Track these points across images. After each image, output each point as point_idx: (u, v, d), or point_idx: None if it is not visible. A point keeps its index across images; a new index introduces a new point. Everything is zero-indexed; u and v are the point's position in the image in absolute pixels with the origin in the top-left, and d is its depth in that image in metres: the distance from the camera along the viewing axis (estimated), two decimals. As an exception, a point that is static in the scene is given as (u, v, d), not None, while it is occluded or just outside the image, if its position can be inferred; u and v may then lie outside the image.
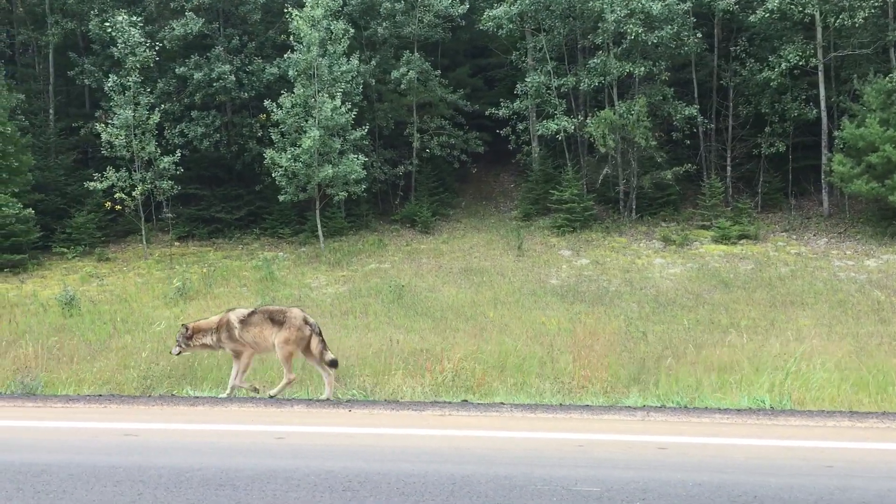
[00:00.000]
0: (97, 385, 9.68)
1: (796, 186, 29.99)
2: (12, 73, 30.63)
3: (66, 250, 27.29)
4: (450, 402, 6.46)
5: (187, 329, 8.79)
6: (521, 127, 30.69)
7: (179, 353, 8.94)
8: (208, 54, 28.87)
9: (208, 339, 8.73)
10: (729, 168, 30.35)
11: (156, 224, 29.22)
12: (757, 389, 8.10)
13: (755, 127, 30.02)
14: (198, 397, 7.31)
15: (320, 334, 8.72)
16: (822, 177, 28.34)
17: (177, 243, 29.10)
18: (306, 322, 8.68)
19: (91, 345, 15.79)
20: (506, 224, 30.43)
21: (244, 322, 8.76)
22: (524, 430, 5.47)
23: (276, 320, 8.72)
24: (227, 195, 30.30)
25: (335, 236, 28.48)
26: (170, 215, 28.36)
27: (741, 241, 26.69)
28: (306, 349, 8.67)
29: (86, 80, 29.48)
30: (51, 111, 31.02)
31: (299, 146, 26.04)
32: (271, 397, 8.22)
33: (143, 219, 27.54)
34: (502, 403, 6.51)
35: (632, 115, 27.37)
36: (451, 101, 31.34)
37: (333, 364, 8.75)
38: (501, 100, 30.73)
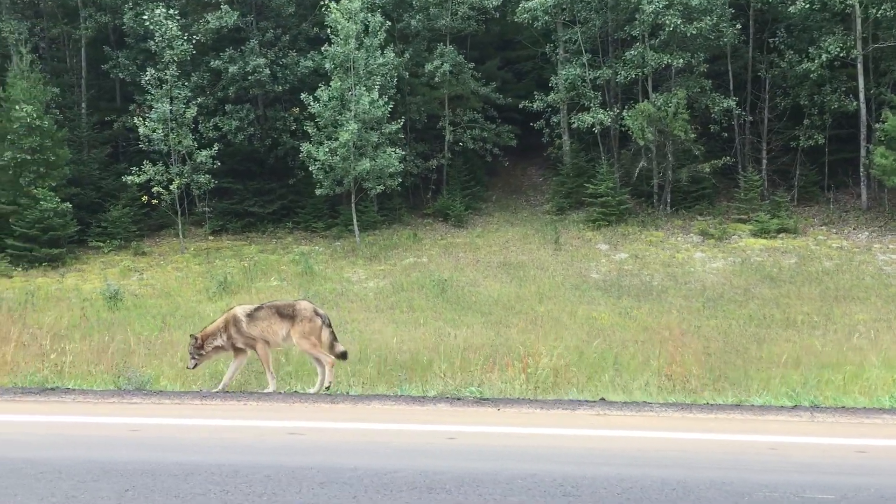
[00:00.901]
0: (202, 381, 9.58)
1: (832, 179, 29.65)
2: (45, 67, 30.60)
3: (101, 244, 27.28)
4: (588, 401, 6.34)
5: (196, 339, 8.63)
6: (555, 120, 30.45)
7: (195, 365, 8.73)
8: (242, 48, 28.77)
9: (219, 341, 8.60)
10: (765, 161, 30.02)
11: (188, 218, 29.15)
12: (879, 388, 7.95)
13: (791, 119, 29.70)
14: (339, 394, 7.14)
15: (330, 325, 8.66)
16: (861, 169, 28.01)
17: (210, 237, 29.08)
18: (317, 313, 8.62)
19: (147, 339, 15.73)
20: (539, 218, 30.25)
21: (251, 316, 8.66)
22: (695, 431, 5.34)
23: (285, 314, 8.64)
24: (260, 189, 30.23)
25: (368, 230, 28.37)
26: (207, 209, 28.30)
27: (780, 235, 26.45)
28: (318, 340, 8.54)
29: (120, 74, 29.44)
30: (83, 105, 31.01)
31: (336, 140, 25.92)
32: (327, 389, 8.14)
33: (179, 213, 27.50)
34: (645, 402, 6.38)
35: (669, 107, 27.11)
36: (482, 94, 31.15)
37: (343, 356, 8.68)
38: (535, 92, 30.51)
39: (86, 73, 31.17)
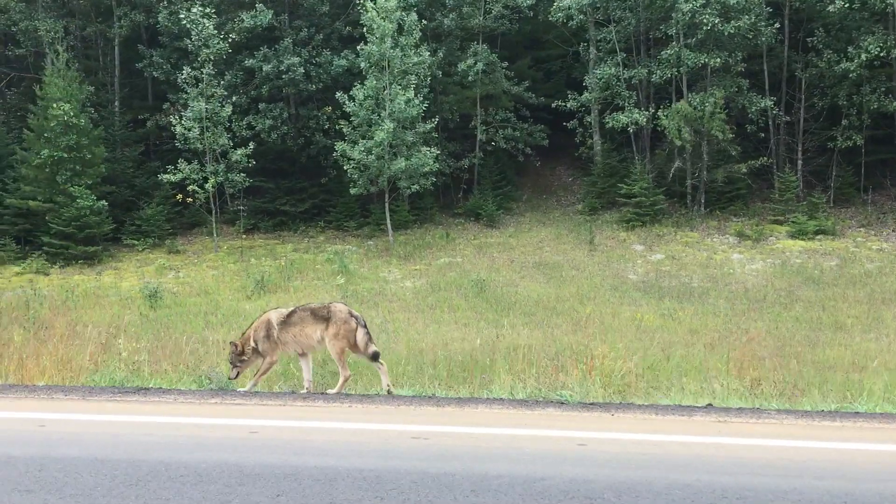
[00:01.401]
0: (282, 380, 9.50)
1: (869, 181, 29.27)
2: (78, 66, 30.70)
3: (136, 242, 27.37)
4: (697, 407, 6.19)
5: (236, 346, 8.49)
6: (588, 119, 30.27)
7: (237, 374, 8.57)
8: (276, 46, 28.77)
9: (256, 345, 8.51)
10: (800, 162, 29.69)
11: (221, 216, 29.18)
12: None
13: (827, 119, 29.37)
14: (450, 398, 7.02)
15: (365, 326, 8.52)
16: (900, 171, 27.67)
17: (243, 235, 29.09)
18: (352, 315, 8.48)
19: (195, 338, 15.71)
20: (571, 218, 30.09)
21: (284, 322, 8.55)
22: (833, 440, 5.17)
23: (320, 316, 8.51)
24: (292, 188, 30.24)
25: (400, 229, 28.29)
26: (242, 208, 28.31)
27: (818, 237, 26.15)
28: (352, 343, 8.43)
29: (154, 73, 29.49)
30: (116, 104, 31.11)
31: (371, 138, 25.86)
32: (323, 392, 8.05)
33: (213, 211, 27.53)
34: (759, 409, 6.24)
35: (706, 107, 26.86)
36: (514, 93, 31.01)
37: (375, 357, 8.53)
38: (568, 92, 30.34)
39: (118, 71, 31.29)
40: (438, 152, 27.53)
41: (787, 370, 10.17)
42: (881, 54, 26.62)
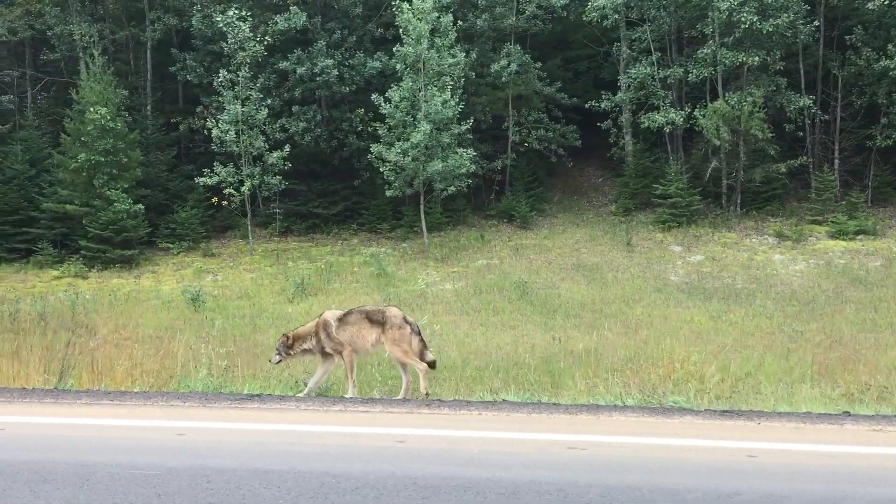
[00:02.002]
0: (371, 385, 9.38)
1: (906, 180, 28.91)
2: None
3: (171, 245, 27.38)
4: (831, 414, 6.01)
5: (287, 338, 8.80)
6: (622, 120, 30.04)
7: (279, 361, 8.89)
8: (310, 48, 28.71)
9: (308, 345, 8.71)
10: (837, 161, 29.34)
11: (253, 219, 29.15)
12: None
13: (865, 118, 29.02)
14: (613, 406, 6.85)
15: (419, 333, 8.59)
16: (940, 170, 27.28)
17: (276, 238, 29.06)
18: (406, 321, 8.55)
19: (241, 341, 15.64)
20: (604, 219, 29.87)
21: (341, 321, 8.67)
22: None
23: (375, 320, 8.59)
24: (325, 190, 30.19)
25: (433, 231, 28.15)
26: (278, 210, 28.27)
27: (858, 237, 25.82)
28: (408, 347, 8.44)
29: (188, 76, 29.50)
30: (148, 107, 31.16)
31: (407, 140, 25.75)
32: (427, 395, 8.07)
33: (249, 214, 27.52)
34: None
35: (744, 106, 26.58)
36: (546, 94, 30.82)
37: (432, 365, 8.60)
38: (602, 92, 30.14)
39: (150, 75, 31.35)
40: (475, 153, 27.35)
41: (876, 374, 9.93)
42: (922, 52, 26.28)
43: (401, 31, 26.07)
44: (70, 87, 30.50)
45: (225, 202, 27.22)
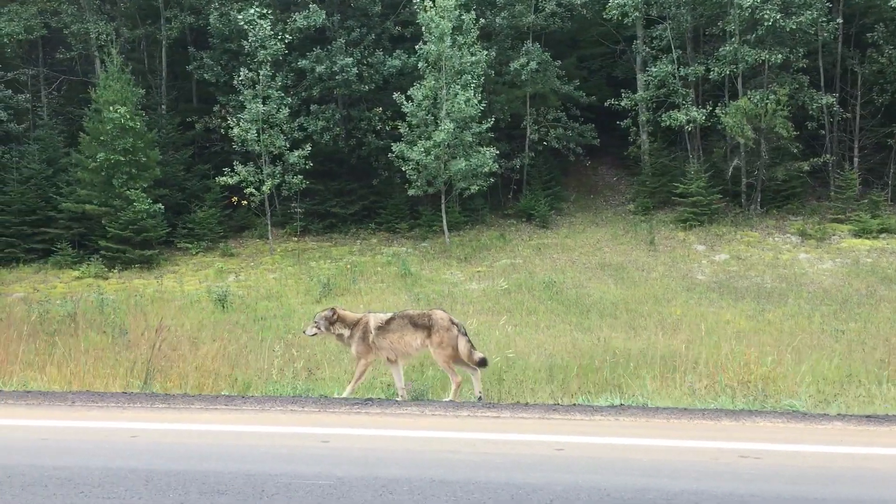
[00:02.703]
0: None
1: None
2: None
3: (189, 245, 27.15)
4: None
5: (334, 313, 8.68)
6: (642, 118, 29.89)
7: (314, 334, 8.72)
8: (329, 47, 28.49)
9: (344, 331, 8.58)
10: (856, 159, 29.25)
11: (269, 219, 28.92)
12: None
13: (885, 116, 28.92)
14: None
15: (466, 334, 8.50)
16: (961, 167, 27.19)
17: (294, 238, 28.85)
18: (453, 322, 8.44)
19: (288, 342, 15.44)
20: (623, 218, 29.73)
21: (382, 329, 8.53)
22: None
23: (420, 324, 8.47)
24: (342, 189, 29.98)
25: (452, 231, 27.95)
26: (299, 210, 28.05)
27: (882, 236, 25.73)
28: (455, 351, 8.36)
29: (206, 75, 29.24)
30: (163, 106, 30.91)
31: (430, 139, 25.56)
32: (479, 399, 8.00)
33: (269, 213, 27.30)
34: None
35: (767, 104, 26.44)
36: (563, 92, 30.63)
37: (483, 363, 8.52)
38: (622, 90, 29.99)
39: (165, 74, 31.11)
40: (497, 152, 27.18)
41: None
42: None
43: (423, 28, 25.84)
44: (85, 85, 30.26)
45: (245, 202, 26.96)
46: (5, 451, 4.98)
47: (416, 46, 26.43)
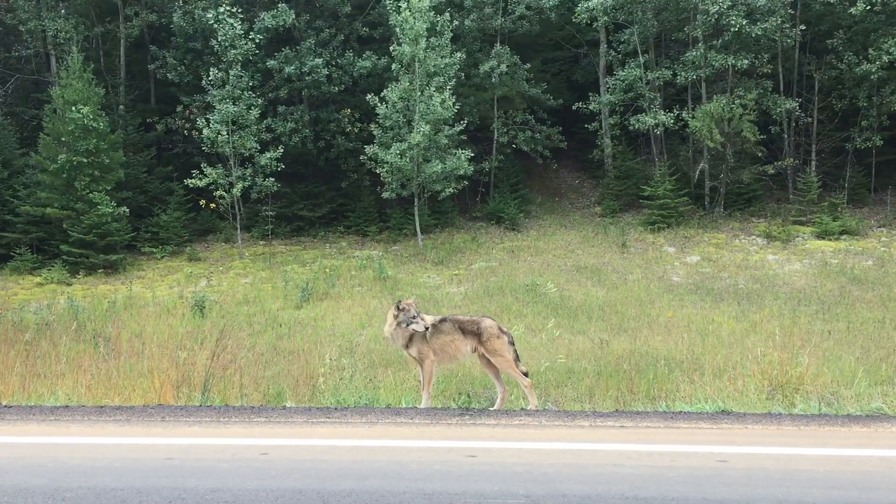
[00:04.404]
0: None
1: (880, 181, 29.76)
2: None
3: (154, 250, 26.37)
4: None
5: (399, 305, 8.09)
6: (610, 121, 30.19)
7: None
8: (297, 47, 28.00)
9: (400, 327, 8.08)
10: (814, 163, 30.07)
11: (238, 222, 28.27)
12: None
13: (842, 121, 29.80)
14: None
15: (513, 344, 8.30)
16: (916, 171, 28.18)
17: (261, 241, 28.27)
18: (502, 331, 8.23)
19: (281, 351, 15.06)
20: (591, 220, 29.99)
21: (435, 327, 8.19)
22: None
23: (469, 330, 8.21)
24: (310, 192, 29.50)
25: (424, 233, 27.77)
26: (270, 213, 27.45)
27: (843, 237, 26.48)
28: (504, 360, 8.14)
29: (168, 74, 28.42)
30: (122, 107, 29.93)
31: (404, 141, 25.33)
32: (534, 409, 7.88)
33: (237, 217, 26.65)
34: None
35: (734, 107, 26.98)
36: (531, 95, 30.74)
37: (524, 376, 8.29)
38: (590, 94, 30.27)
39: (124, 73, 30.14)
40: (473, 154, 27.09)
41: None
42: (900, 57, 27.07)
43: (397, 30, 25.58)
44: (38, 84, 29.15)
45: (213, 205, 26.28)
46: (138, 472, 4.62)
47: (391, 48, 26.16)
